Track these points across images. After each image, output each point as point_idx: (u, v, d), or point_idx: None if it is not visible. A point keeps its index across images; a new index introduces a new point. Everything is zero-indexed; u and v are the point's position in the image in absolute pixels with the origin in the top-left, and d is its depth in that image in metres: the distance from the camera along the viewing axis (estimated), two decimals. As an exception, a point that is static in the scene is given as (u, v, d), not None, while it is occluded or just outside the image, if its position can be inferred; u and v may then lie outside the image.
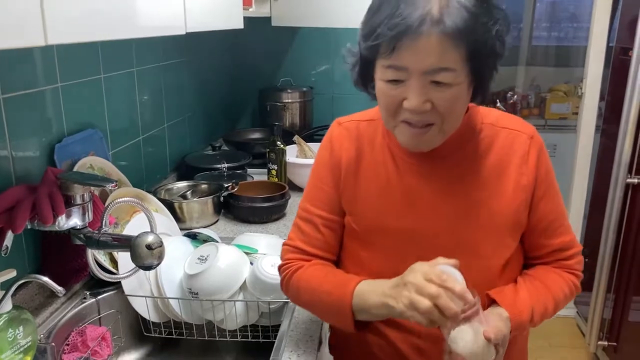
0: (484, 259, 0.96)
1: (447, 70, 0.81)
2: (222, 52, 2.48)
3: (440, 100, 0.84)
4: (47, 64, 1.18)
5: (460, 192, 0.95)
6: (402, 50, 0.81)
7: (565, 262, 1.01)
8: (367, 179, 1.00)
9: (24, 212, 1.00)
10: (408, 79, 0.83)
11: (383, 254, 0.99)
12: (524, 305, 0.93)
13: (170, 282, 1.25)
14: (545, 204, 0.98)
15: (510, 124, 0.99)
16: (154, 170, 1.76)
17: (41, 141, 1.18)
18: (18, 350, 0.95)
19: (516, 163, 0.95)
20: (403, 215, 0.97)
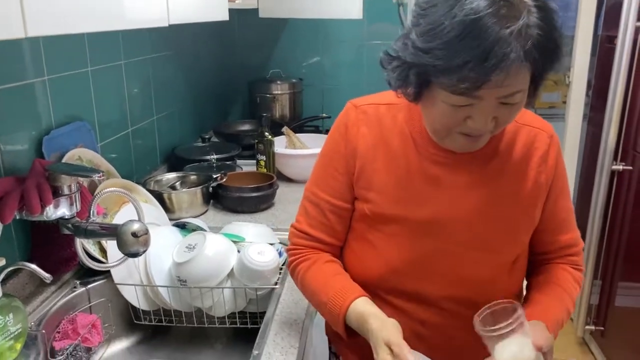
0: (496, 254, 0.96)
1: (520, 92, 0.80)
2: (210, 44, 2.49)
3: (505, 116, 0.83)
4: (33, 56, 1.20)
5: (481, 187, 0.95)
6: (481, 89, 0.77)
7: (572, 258, 1.03)
8: (385, 167, 0.97)
9: (12, 203, 1.02)
10: (477, 103, 0.80)
11: (395, 243, 0.98)
12: (556, 312, 0.95)
13: (159, 271, 1.27)
14: (560, 202, 0.99)
15: (531, 121, 0.98)
16: (144, 162, 1.78)
17: (29, 134, 1.20)
18: (8, 336, 0.98)
19: (536, 161, 0.96)
20: (421, 205, 0.95)
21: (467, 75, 0.75)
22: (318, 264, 1.03)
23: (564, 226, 1.02)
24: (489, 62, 0.72)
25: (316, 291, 1.01)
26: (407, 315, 1.00)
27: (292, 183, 1.97)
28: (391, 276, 0.99)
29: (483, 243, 0.95)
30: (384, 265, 1.00)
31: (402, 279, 0.99)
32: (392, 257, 0.99)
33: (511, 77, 0.76)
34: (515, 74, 0.76)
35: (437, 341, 0.99)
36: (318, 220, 1.04)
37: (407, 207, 0.96)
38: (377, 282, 1.01)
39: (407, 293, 0.99)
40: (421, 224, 0.96)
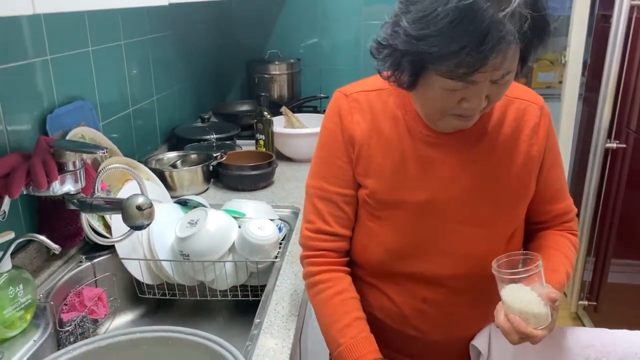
0: (493, 228, 0.98)
1: (509, 73, 0.81)
2: (208, 25, 2.50)
3: (496, 94, 0.85)
4: (35, 36, 1.22)
5: (474, 163, 0.96)
6: (478, 73, 0.78)
7: (567, 224, 1.06)
8: (381, 153, 0.98)
9: (20, 178, 1.05)
10: (472, 86, 0.81)
11: (394, 227, 0.99)
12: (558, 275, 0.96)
13: (163, 246, 1.31)
14: (553, 173, 1.01)
15: (521, 94, 0.99)
16: (145, 141, 1.81)
17: (33, 113, 1.22)
18: (19, 307, 1.02)
19: (527, 134, 0.96)
20: (418, 188, 0.97)
21: (465, 60, 0.75)
22: (343, 295, 1.00)
23: (558, 195, 1.04)
24: (485, 45, 0.73)
25: (334, 325, 0.98)
26: (408, 294, 1.03)
27: (291, 162, 2.00)
28: (392, 260, 1.02)
29: (480, 219, 0.97)
30: (384, 250, 1.01)
31: (403, 262, 1.01)
32: (391, 241, 1.00)
33: (507, 59, 0.78)
34: (511, 55, 0.78)
35: (438, 317, 1.03)
36: (334, 215, 1.02)
37: (404, 191, 0.97)
38: (378, 265, 1.03)
39: (408, 274, 1.02)
40: (419, 206, 0.97)
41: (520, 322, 0.85)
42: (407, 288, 1.03)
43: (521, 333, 0.85)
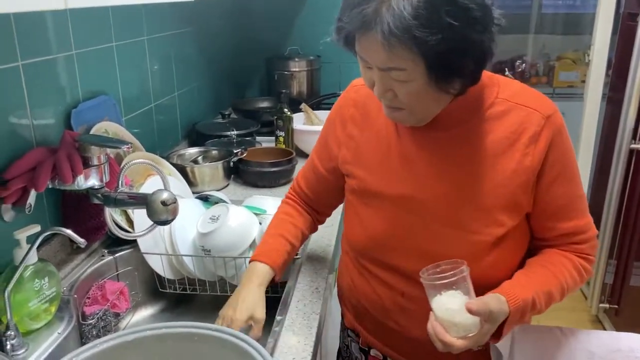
0: (472, 233, 0.95)
1: (396, 69, 0.83)
2: (229, 21, 2.51)
3: (400, 92, 0.86)
4: (61, 31, 1.23)
5: (457, 165, 0.95)
6: (358, 45, 0.85)
7: (577, 246, 0.99)
8: (369, 144, 1.04)
9: (46, 172, 1.06)
10: (372, 68, 0.87)
11: (379, 217, 1.02)
12: (524, 290, 0.91)
13: (184, 241, 1.31)
14: (557, 188, 0.95)
15: (527, 101, 0.94)
16: (166, 137, 1.82)
17: (58, 107, 1.23)
18: (44, 299, 1.03)
19: (523, 142, 0.92)
20: (399, 182, 0.99)
21: (341, 26, 0.85)
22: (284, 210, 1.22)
23: (564, 213, 0.97)
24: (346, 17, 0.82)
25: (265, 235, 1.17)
26: (388, 287, 1.04)
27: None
28: (373, 247, 1.04)
29: (458, 221, 0.95)
30: (367, 236, 1.05)
31: (383, 251, 1.03)
32: (373, 229, 1.03)
33: (376, 47, 0.81)
34: (380, 46, 0.80)
35: (417, 314, 1.00)
36: (306, 173, 1.22)
37: (387, 183, 1.00)
38: (363, 250, 1.07)
39: (388, 265, 1.03)
40: (398, 199, 0.99)
41: (440, 330, 0.87)
42: (388, 280, 1.04)
43: (441, 341, 0.87)
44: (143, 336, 0.76)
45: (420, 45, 0.77)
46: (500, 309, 0.88)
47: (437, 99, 0.89)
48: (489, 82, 0.95)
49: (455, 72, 0.84)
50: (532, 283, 0.93)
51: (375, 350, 1.15)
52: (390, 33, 0.77)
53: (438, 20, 0.76)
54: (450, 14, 0.76)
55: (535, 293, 0.92)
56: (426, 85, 0.84)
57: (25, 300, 0.99)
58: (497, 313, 0.87)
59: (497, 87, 0.96)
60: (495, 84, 0.96)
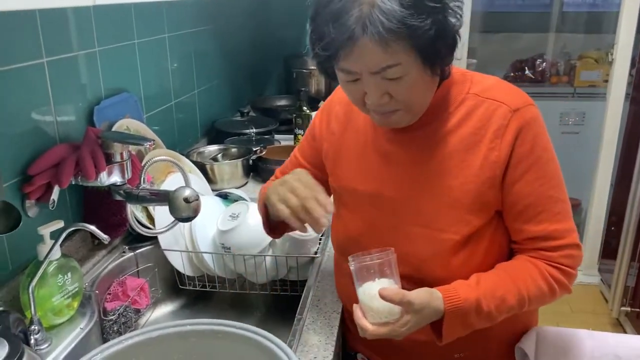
0: (439, 231, 0.93)
1: (392, 66, 0.81)
2: (247, 19, 2.51)
3: (396, 92, 0.85)
4: (84, 28, 1.24)
5: (425, 163, 0.94)
6: (342, 61, 0.83)
7: (546, 253, 0.92)
8: (349, 143, 1.05)
9: (69, 168, 1.06)
10: (361, 78, 0.85)
11: (356, 215, 1.03)
12: (470, 291, 0.88)
13: (204, 238, 1.31)
14: (523, 186, 0.91)
15: (496, 95, 0.92)
16: (186, 134, 1.82)
17: (81, 103, 1.24)
18: (67, 294, 1.03)
19: (489, 137, 0.90)
20: (372, 179, 1.00)
21: (317, 53, 0.83)
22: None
23: (532, 215, 0.92)
24: (327, 38, 0.80)
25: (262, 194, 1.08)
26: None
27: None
28: (351, 244, 1.03)
29: (425, 219, 0.94)
30: (346, 235, 1.07)
31: (359, 249, 0.99)
32: (350, 226, 1.05)
33: (366, 52, 0.79)
34: (370, 49, 0.79)
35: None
36: (287, 170, 1.17)
37: (360, 181, 1.01)
38: (343, 249, 1.07)
39: None
40: (372, 197, 1.00)
41: (358, 313, 0.87)
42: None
43: (357, 324, 0.87)
44: (167, 333, 0.76)
45: (414, 33, 0.78)
46: (428, 304, 0.85)
47: (431, 88, 0.90)
48: (461, 78, 0.95)
49: (442, 56, 0.85)
50: (483, 285, 0.89)
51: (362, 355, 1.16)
52: (387, 30, 0.77)
53: (423, 6, 0.78)
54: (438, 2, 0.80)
55: (483, 295, 0.88)
56: (421, 74, 0.84)
57: (49, 295, 1.00)
58: (420, 306, 0.84)
59: (469, 83, 0.95)
60: (467, 80, 0.96)
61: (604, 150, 2.78)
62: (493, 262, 0.96)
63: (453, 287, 0.89)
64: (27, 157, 1.05)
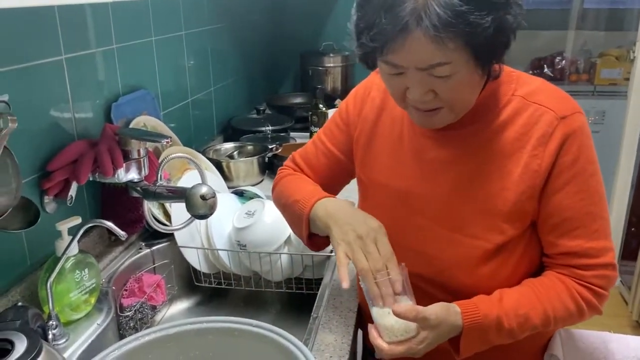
0: (470, 237, 0.90)
1: (441, 64, 0.77)
2: (263, 16, 2.51)
3: (442, 90, 0.81)
4: (102, 26, 1.24)
5: (465, 164, 0.90)
6: (390, 54, 0.78)
7: (578, 271, 0.88)
8: (383, 132, 1.00)
9: (87, 164, 1.07)
10: (406, 72, 0.80)
11: (381, 211, 0.97)
12: (491, 307, 0.85)
13: (220, 236, 1.31)
14: (562, 198, 0.86)
15: (543, 100, 0.88)
16: (202, 132, 1.83)
17: (99, 100, 1.25)
18: (84, 290, 1.04)
19: (532, 144, 0.86)
20: (403, 175, 0.96)
21: (364, 42, 0.78)
22: (300, 175, 1.11)
23: (568, 229, 0.87)
24: (376, 28, 0.75)
25: (291, 192, 1.03)
26: None
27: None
28: None
29: (456, 223, 0.90)
30: None
31: None
32: None
33: (417, 47, 0.75)
34: (421, 45, 0.74)
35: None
36: (309, 156, 1.12)
37: (391, 175, 0.97)
38: None
39: None
40: (399, 193, 0.95)
41: (372, 333, 0.84)
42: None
43: (373, 344, 0.84)
44: (184, 330, 0.76)
45: (472, 30, 0.73)
46: (445, 319, 0.82)
47: (478, 88, 0.85)
48: (507, 78, 0.90)
49: (496, 55, 0.81)
50: (506, 302, 0.86)
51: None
52: (443, 24, 0.72)
53: (485, 0, 0.73)
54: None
55: (505, 313, 0.85)
56: (471, 73, 0.80)
57: (67, 290, 1.00)
58: (436, 321, 0.81)
59: (514, 84, 0.90)
60: (513, 80, 0.91)
61: (625, 150, 2.73)
62: (522, 275, 0.92)
63: (473, 302, 0.86)
64: (45, 154, 1.06)
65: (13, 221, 0.94)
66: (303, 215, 0.95)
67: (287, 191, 1.05)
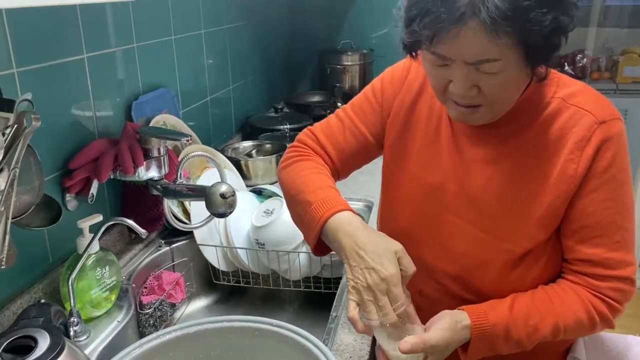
0: (499, 239, 0.88)
1: (489, 61, 0.74)
2: (282, 15, 2.51)
3: (487, 86, 0.78)
4: (123, 24, 1.25)
5: (501, 165, 0.88)
6: (440, 44, 0.75)
7: (593, 281, 0.85)
8: (419, 122, 0.96)
9: (108, 163, 1.08)
10: (452, 64, 0.78)
11: (410, 204, 0.96)
12: (498, 316, 0.84)
13: (238, 234, 1.32)
14: (587, 204, 0.84)
15: (583, 103, 0.85)
16: (220, 130, 1.83)
17: (119, 98, 1.25)
18: (105, 287, 1.05)
19: (569, 147, 0.83)
20: (438, 169, 0.93)
21: (415, 29, 0.75)
22: (315, 162, 1.00)
23: (589, 236, 0.85)
24: (430, 15, 0.72)
25: (304, 187, 0.93)
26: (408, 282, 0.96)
27: (363, 154, 1.97)
28: (398, 235, 0.95)
29: (487, 224, 0.88)
30: (393, 224, 0.99)
31: (407, 240, 0.94)
32: (400, 217, 0.98)
33: (468, 40, 0.72)
34: (473, 38, 0.72)
35: (431, 315, 0.92)
36: (334, 132, 1.03)
37: (425, 168, 0.94)
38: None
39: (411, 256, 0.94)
40: (431, 187, 0.93)
41: (379, 357, 0.83)
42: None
43: None
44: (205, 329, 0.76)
45: (530, 27, 0.70)
46: (452, 339, 0.82)
47: (521, 88, 0.83)
48: (548, 80, 0.87)
49: (547, 55, 0.77)
50: (516, 311, 0.84)
51: None
52: (501, 16, 0.68)
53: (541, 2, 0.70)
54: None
55: (514, 322, 0.83)
56: (519, 73, 0.77)
57: (88, 288, 1.01)
58: (444, 344, 0.81)
59: (554, 86, 0.88)
60: (554, 81, 0.88)
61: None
62: (546, 281, 0.91)
63: (483, 310, 0.85)
64: (67, 152, 1.07)
65: (36, 219, 0.94)
66: (315, 225, 0.87)
67: (301, 185, 0.95)
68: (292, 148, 1.06)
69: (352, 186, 1.67)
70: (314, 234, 0.88)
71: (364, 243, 0.81)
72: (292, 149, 1.06)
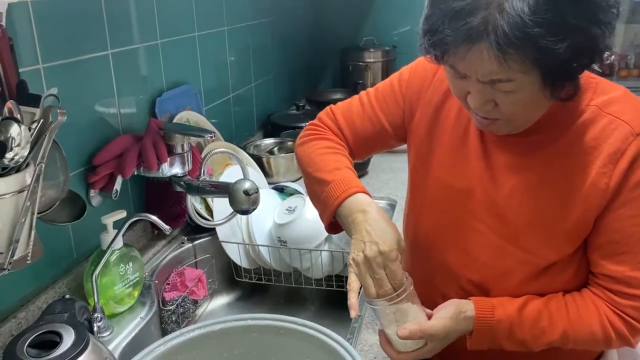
0: (523, 250, 0.85)
1: (502, 81, 0.71)
2: (304, 12, 2.50)
3: (503, 103, 0.75)
4: (147, 21, 1.25)
5: (530, 174, 0.84)
6: (455, 62, 0.73)
7: (613, 297, 0.82)
8: (446, 123, 0.92)
9: (132, 159, 1.08)
10: (467, 78, 0.75)
11: (433, 209, 0.94)
12: (505, 314, 0.83)
13: (261, 231, 1.31)
14: (614, 219, 0.80)
15: (619, 112, 0.79)
16: (242, 127, 1.83)
17: (143, 95, 1.26)
18: (128, 283, 1.05)
19: (602, 160, 0.78)
20: (465, 174, 0.89)
21: (425, 48, 0.74)
22: (333, 142, 1.00)
23: (613, 252, 0.81)
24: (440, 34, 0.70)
25: (322, 166, 0.94)
26: (431, 285, 0.95)
27: (386, 153, 1.93)
28: (422, 236, 0.96)
29: (511, 233, 0.85)
30: (419, 223, 0.97)
31: (431, 243, 0.94)
32: (422, 220, 0.96)
33: (480, 60, 0.69)
34: (485, 59, 0.68)
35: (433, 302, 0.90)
36: (353, 116, 1.02)
37: (452, 172, 0.91)
38: (412, 240, 0.99)
39: (433, 260, 0.94)
40: (457, 192, 0.90)
41: (382, 341, 0.84)
42: (429, 278, 0.95)
43: (383, 350, 0.84)
44: (229, 327, 0.75)
45: (542, 55, 0.66)
46: (453, 329, 0.82)
47: (543, 107, 0.78)
48: (585, 85, 0.80)
49: (571, 76, 0.72)
50: (527, 313, 0.83)
51: None
52: (508, 44, 0.65)
53: (563, 24, 0.65)
54: (577, 15, 0.65)
55: (520, 323, 0.82)
56: (537, 94, 0.73)
57: (111, 283, 1.01)
58: (444, 333, 0.81)
59: (591, 92, 0.82)
60: (591, 87, 0.82)
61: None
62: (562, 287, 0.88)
63: (492, 304, 0.84)
64: (91, 148, 1.07)
65: (60, 214, 0.95)
66: (332, 204, 0.88)
67: (320, 162, 0.95)
68: (311, 126, 1.06)
69: (375, 184, 1.66)
70: (329, 212, 0.89)
71: (374, 221, 0.82)
72: (311, 127, 1.06)
